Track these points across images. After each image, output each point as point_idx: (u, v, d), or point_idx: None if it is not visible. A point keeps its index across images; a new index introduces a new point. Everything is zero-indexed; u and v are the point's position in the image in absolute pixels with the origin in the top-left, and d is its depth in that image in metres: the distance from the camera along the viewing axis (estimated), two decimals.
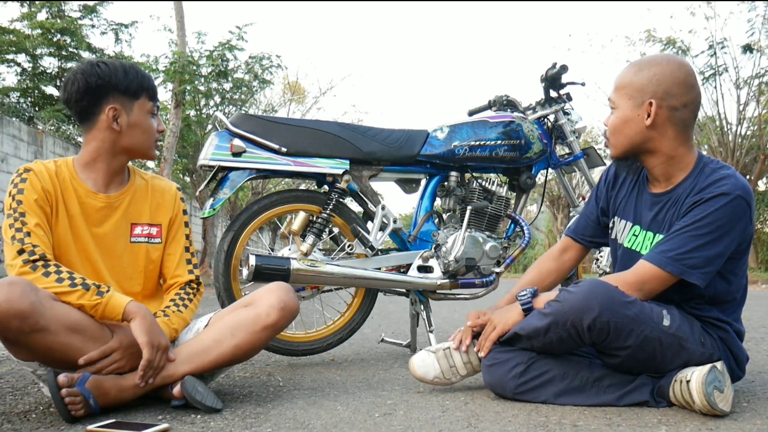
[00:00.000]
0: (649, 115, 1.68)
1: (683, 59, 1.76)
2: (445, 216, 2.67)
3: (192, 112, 13.22)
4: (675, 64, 1.69)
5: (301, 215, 2.49)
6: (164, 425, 1.46)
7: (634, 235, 1.81)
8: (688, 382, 1.56)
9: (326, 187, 2.55)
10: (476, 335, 1.87)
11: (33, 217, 1.67)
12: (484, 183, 2.67)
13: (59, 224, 1.74)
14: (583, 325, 1.60)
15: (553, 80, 2.76)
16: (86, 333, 1.61)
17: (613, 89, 1.76)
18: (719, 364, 1.62)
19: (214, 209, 2.36)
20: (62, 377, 1.52)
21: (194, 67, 11.83)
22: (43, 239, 1.67)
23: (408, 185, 2.72)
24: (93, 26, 13.81)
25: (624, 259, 1.82)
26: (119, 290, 1.75)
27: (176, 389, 1.64)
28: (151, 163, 13.43)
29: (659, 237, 1.72)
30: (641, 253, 1.74)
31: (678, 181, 1.72)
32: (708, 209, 1.62)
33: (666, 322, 1.63)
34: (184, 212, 1.96)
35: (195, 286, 1.93)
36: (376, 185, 2.66)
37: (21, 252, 1.61)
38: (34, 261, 1.61)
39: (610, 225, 1.92)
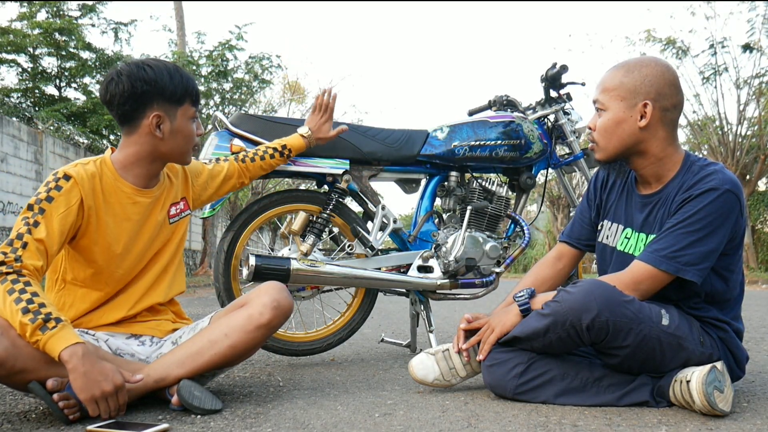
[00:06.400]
0: (642, 117, 1.68)
1: (667, 61, 1.76)
2: (445, 216, 2.67)
3: None
4: (663, 65, 1.71)
5: (301, 215, 2.49)
6: (164, 425, 1.46)
7: (626, 238, 1.81)
8: (688, 382, 1.56)
9: (326, 187, 2.55)
10: (473, 334, 1.86)
11: (43, 230, 1.59)
12: (484, 183, 2.67)
13: (102, 228, 1.72)
14: (582, 325, 1.60)
15: (553, 80, 2.75)
16: None
17: (600, 91, 1.75)
18: (719, 364, 1.62)
19: (214, 209, 2.36)
20: (51, 381, 1.49)
21: (194, 67, 11.85)
22: (37, 255, 1.57)
23: (408, 185, 2.72)
24: (93, 25, 13.81)
25: (617, 262, 1.81)
26: (158, 272, 1.86)
27: (174, 399, 1.61)
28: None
29: (652, 237, 1.72)
30: (635, 255, 1.74)
31: (667, 180, 1.73)
32: (698, 205, 1.62)
33: (665, 322, 1.63)
34: (195, 165, 2.04)
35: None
36: (376, 185, 2.65)
37: (5, 254, 1.54)
38: (6, 274, 1.52)
39: (598, 228, 1.92)
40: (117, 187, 1.76)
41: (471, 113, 2.82)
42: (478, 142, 2.57)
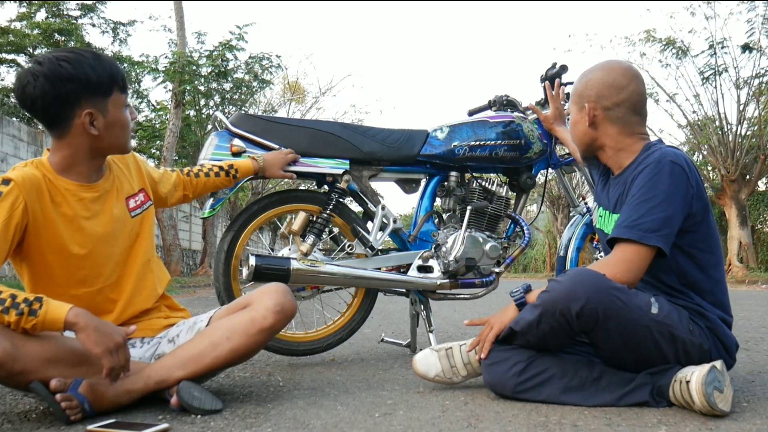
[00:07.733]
0: (588, 117, 1.84)
1: (619, 62, 1.88)
2: (445, 216, 2.67)
3: (192, 112, 13.24)
4: (606, 69, 1.83)
5: (301, 215, 2.49)
6: (164, 425, 1.46)
7: (599, 216, 1.95)
8: (687, 382, 1.57)
9: (326, 187, 2.55)
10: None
11: None
12: (484, 183, 2.67)
13: (52, 229, 1.66)
14: (571, 312, 1.62)
15: (553, 80, 2.75)
16: (67, 361, 1.57)
17: None
18: (719, 364, 1.62)
19: (214, 209, 2.36)
20: (54, 382, 1.49)
21: (194, 67, 11.85)
22: None
23: (408, 185, 2.72)
24: (92, 25, 13.83)
25: (601, 240, 1.95)
26: (132, 268, 1.79)
27: (173, 399, 1.60)
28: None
29: (616, 216, 1.81)
30: (605, 230, 1.87)
31: (627, 164, 1.85)
32: (645, 178, 1.73)
33: (654, 310, 1.66)
34: (145, 161, 2.02)
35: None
36: (376, 185, 2.66)
37: None
38: None
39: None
40: (60, 186, 1.69)
41: (471, 113, 2.82)
42: (478, 142, 2.58)
